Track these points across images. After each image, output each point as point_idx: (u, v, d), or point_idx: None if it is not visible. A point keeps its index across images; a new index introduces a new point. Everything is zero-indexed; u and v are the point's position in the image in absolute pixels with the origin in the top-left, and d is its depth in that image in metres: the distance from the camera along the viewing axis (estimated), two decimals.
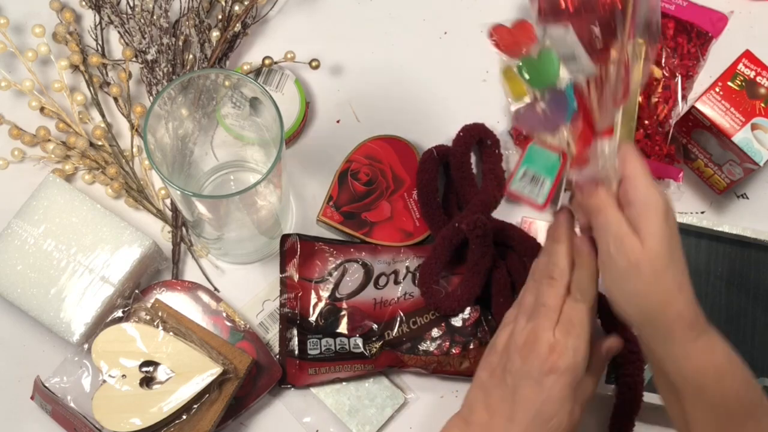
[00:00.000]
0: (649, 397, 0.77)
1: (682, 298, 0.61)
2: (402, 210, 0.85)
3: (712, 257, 0.84)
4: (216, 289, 0.85)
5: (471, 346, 0.80)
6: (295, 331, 0.81)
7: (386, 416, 0.82)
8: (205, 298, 0.83)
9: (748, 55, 0.83)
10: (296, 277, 0.82)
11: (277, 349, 0.83)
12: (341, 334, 0.81)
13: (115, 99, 0.88)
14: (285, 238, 0.83)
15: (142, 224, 0.86)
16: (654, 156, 0.85)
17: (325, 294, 0.82)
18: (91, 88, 0.88)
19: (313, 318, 0.81)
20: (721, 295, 0.83)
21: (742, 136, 0.81)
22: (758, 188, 0.89)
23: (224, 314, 0.83)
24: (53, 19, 0.90)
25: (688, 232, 0.84)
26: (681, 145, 0.87)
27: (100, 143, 0.87)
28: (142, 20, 0.86)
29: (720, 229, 0.83)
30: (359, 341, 0.80)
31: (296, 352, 0.80)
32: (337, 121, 0.90)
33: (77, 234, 0.81)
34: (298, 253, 0.83)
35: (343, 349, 0.80)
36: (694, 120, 0.83)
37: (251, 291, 0.85)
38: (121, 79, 0.88)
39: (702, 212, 0.89)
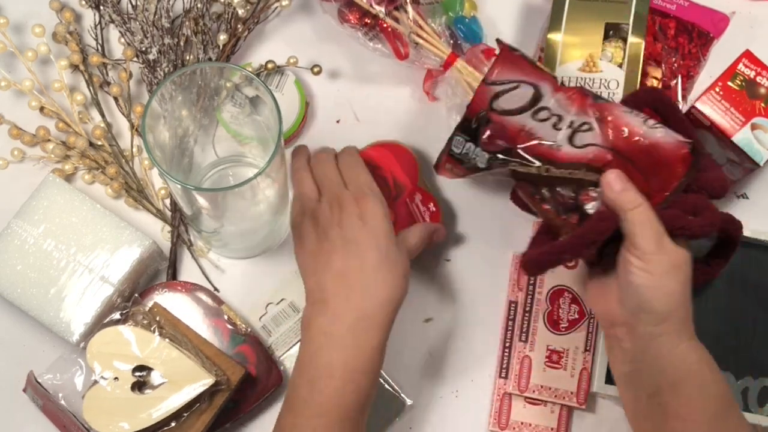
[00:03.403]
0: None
1: (691, 305, 0.69)
2: (405, 215, 0.85)
3: None
4: (216, 288, 0.85)
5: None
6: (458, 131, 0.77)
7: (387, 422, 0.82)
8: (207, 299, 0.83)
9: (748, 55, 0.83)
10: (478, 78, 0.78)
11: (278, 353, 0.83)
12: (482, 144, 0.76)
13: (116, 99, 0.88)
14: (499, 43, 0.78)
15: (142, 224, 0.86)
16: None
17: (486, 101, 0.77)
18: (91, 88, 0.88)
19: (473, 121, 0.77)
20: (721, 295, 0.83)
21: (742, 136, 0.81)
22: (758, 188, 0.89)
23: (226, 317, 0.82)
24: (53, 18, 0.90)
25: None
26: None
27: (99, 143, 0.87)
28: (144, 20, 0.86)
29: None
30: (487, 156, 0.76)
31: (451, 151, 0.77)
32: (337, 121, 0.90)
33: (77, 234, 0.81)
34: (498, 58, 0.78)
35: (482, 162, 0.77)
36: (694, 120, 0.83)
37: (252, 291, 0.85)
38: (121, 78, 0.88)
39: None
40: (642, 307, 0.67)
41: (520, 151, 0.75)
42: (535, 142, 0.75)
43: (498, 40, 0.80)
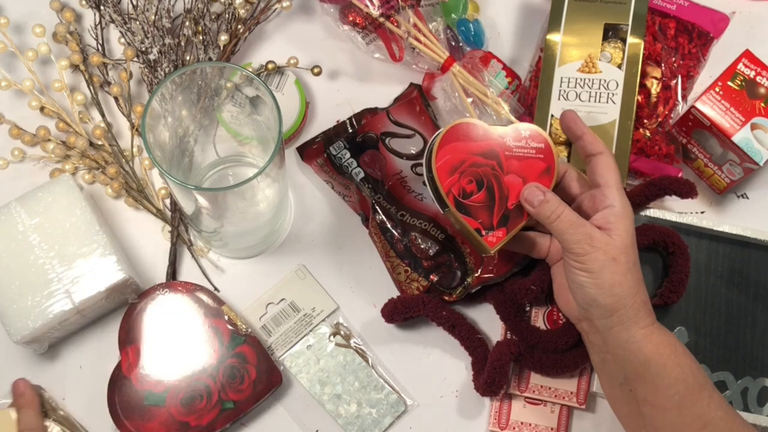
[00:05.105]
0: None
1: (644, 289, 0.70)
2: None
3: (712, 257, 0.84)
4: (216, 288, 0.85)
5: (423, 280, 0.82)
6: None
7: (386, 424, 0.82)
8: (207, 300, 0.83)
9: (748, 54, 0.83)
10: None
11: (278, 353, 0.83)
12: (361, 162, 0.85)
13: (116, 99, 0.88)
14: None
15: (142, 224, 0.86)
16: (654, 156, 0.85)
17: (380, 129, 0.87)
18: (92, 88, 0.88)
19: (360, 136, 0.86)
20: (721, 295, 0.83)
21: (741, 136, 0.81)
22: (758, 188, 0.89)
23: (226, 317, 0.82)
24: (53, 18, 0.90)
25: (688, 232, 0.84)
26: (681, 145, 0.87)
27: (100, 143, 0.87)
28: (144, 20, 0.86)
29: (720, 229, 0.83)
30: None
31: None
32: (337, 121, 0.90)
33: (63, 240, 0.79)
34: (408, 100, 0.88)
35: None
36: (694, 120, 0.83)
37: (252, 291, 0.85)
38: (121, 78, 0.88)
39: (702, 212, 0.89)
40: (590, 303, 0.69)
41: (387, 188, 0.83)
42: (403, 189, 0.83)
43: (414, 85, 0.89)
